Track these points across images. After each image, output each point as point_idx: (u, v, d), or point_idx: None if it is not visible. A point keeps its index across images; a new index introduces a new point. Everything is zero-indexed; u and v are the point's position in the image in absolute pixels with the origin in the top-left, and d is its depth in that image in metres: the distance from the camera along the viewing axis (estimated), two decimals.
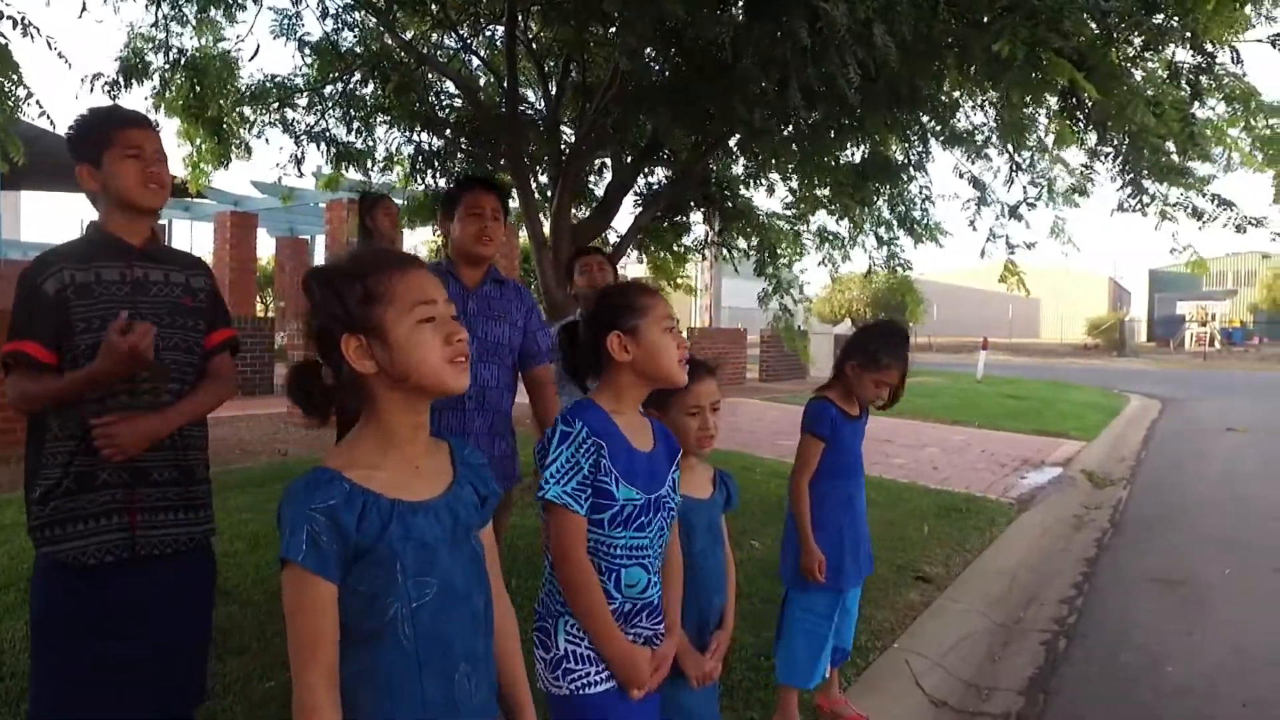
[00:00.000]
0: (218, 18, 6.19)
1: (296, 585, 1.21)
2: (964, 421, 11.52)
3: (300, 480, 1.26)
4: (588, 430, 1.67)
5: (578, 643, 1.70)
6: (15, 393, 1.93)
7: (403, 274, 1.31)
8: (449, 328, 1.31)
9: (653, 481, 1.75)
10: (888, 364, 2.73)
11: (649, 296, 1.80)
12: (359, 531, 1.23)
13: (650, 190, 7.25)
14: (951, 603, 4.28)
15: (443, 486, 1.37)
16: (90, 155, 2.02)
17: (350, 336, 1.27)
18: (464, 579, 1.34)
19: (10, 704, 2.75)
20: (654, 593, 1.75)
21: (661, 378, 1.77)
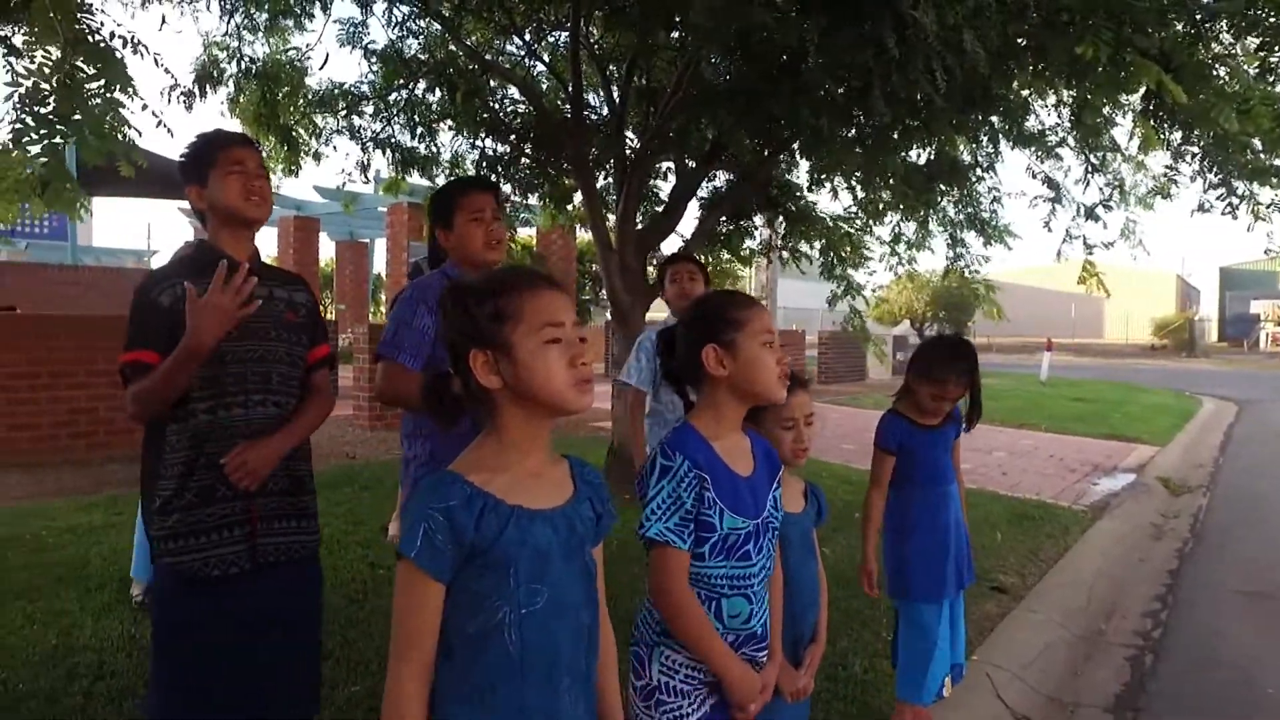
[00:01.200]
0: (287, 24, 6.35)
1: (407, 580, 1.25)
2: (1030, 425, 11.29)
3: (426, 481, 1.31)
4: (689, 464, 1.62)
5: (671, 675, 1.67)
6: (131, 398, 1.98)
7: (534, 294, 1.33)
8: (574, 350, 1.33)
9: (758, 505, 1.71)
10: (940, 378, 2.69)
11: (748, 308, 1.74)
12: (476, 532, 1.25)
13: (714, 194, 7.23)
14: (1029, 613, 4.19)
15: (563, 498, 1.38)
16: (198, 176, 2.12)
17: (478, 352, 1.30)
18: (575, 592, 1.35)
19: (113, 701, 2.84)
20: (757, 623, 1.70)
21: (760, 395, 1.72)
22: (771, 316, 1.82)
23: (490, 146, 7.10)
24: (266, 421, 2.07)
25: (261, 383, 2.08)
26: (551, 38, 7.28)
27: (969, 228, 7.55)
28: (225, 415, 2.02)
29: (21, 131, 2.47)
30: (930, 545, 2.75)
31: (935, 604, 2.75)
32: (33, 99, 2.49)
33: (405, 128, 7.05)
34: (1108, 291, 5.98)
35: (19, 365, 6.89)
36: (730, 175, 7.24)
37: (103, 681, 2.98)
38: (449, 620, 1.27)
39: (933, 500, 2.78)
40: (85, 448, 7.12)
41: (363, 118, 7.05)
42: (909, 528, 2.77)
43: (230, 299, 1.89)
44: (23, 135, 2.46)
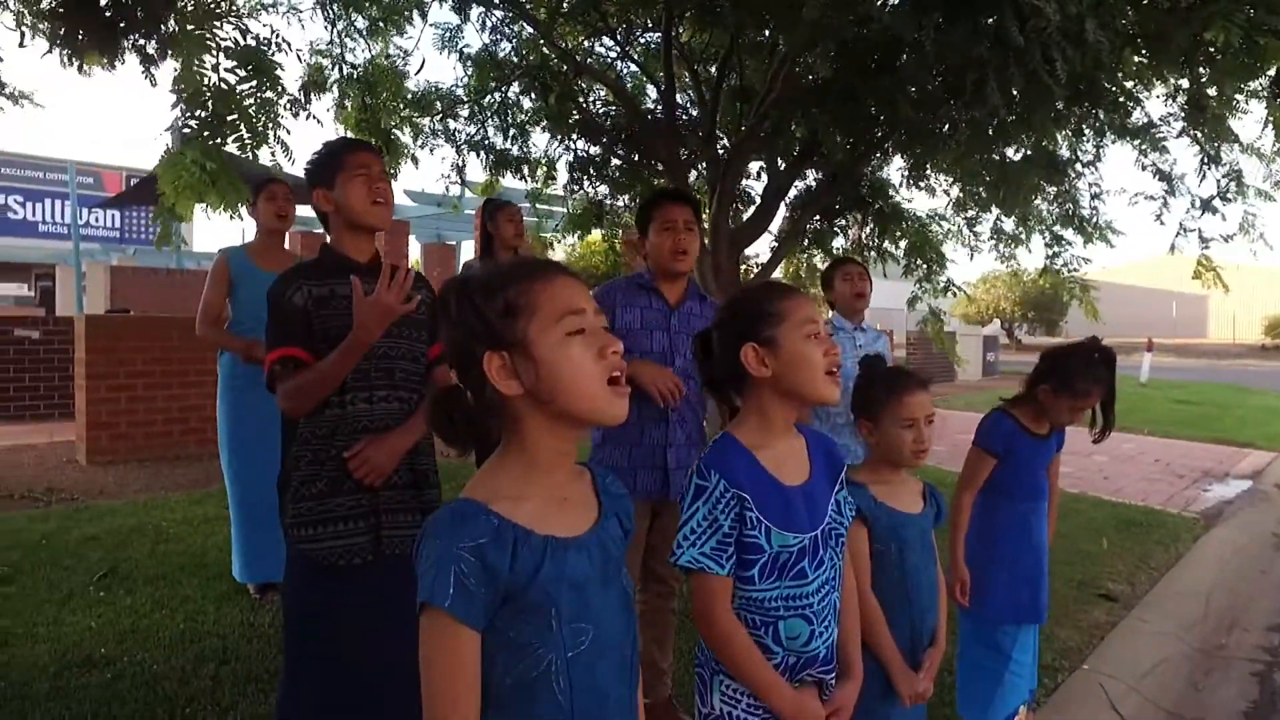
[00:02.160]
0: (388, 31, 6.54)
1: (439, 632, 1.09)
2: (1131, 428, 10.85)
3: (442, 514, 1.13)
4: (726, 483, 1.49)
5: (733, 704, 1.56)
6: (286, 393, 2.07)
7: (546, 282, 1.17)
8: (602, 340, 1.16)
9: (814, 516, 1.56)
10: (1084, 390, 2.49)
11: (788, 299, 1.58)
12: (511, 572, 1.09)
13: (806, 194, 7.16)
14: (1141, 623, 4.04)
15: (591, 519, 1.23)
16: (325, 180, 2.20)
17: (493, 354, 1.14)
18: (616, 623, 1.20)
19: (238, 684, 2.98)
20: (820, 644, 1.55)
21: (806, 394, 1.57)
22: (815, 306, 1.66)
23: (582, 148, 7.17)
24: (390, 416, 2.14)
25: (385, 378, 2.15)
26: (643, 39, 7.32)
27: (1067, 225, 7.31)
28: (352, 410, 2.10)
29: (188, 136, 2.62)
30: (1019, 564, 2.57)
31: (1014, 626, 2.58)
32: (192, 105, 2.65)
33: (499, 130, 7.18)
34: (1226, 286, 5.70)
35: (136, 365, 7.24)
36: (821, 174, 7.17)
37: (228, 665, 3.12)
38: (487, 672, 1.11)
39: (1024, 515, 2.60)
40: (196, 443, 7.45)
41: (457, 121, 7.22)
42: (996, 540, 2.58)
43: (395, 296, 1.97)
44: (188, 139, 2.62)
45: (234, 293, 3.81)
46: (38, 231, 32.90)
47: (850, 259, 4.05)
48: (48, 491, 5.88)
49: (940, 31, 3.67)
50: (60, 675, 3.00)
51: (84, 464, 6.90)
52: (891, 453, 2.00)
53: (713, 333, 1.66)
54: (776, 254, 6.75)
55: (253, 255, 3.87)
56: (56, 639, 3.30)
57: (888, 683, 1.90)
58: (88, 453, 6.95)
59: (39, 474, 6.50)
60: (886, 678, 1.89)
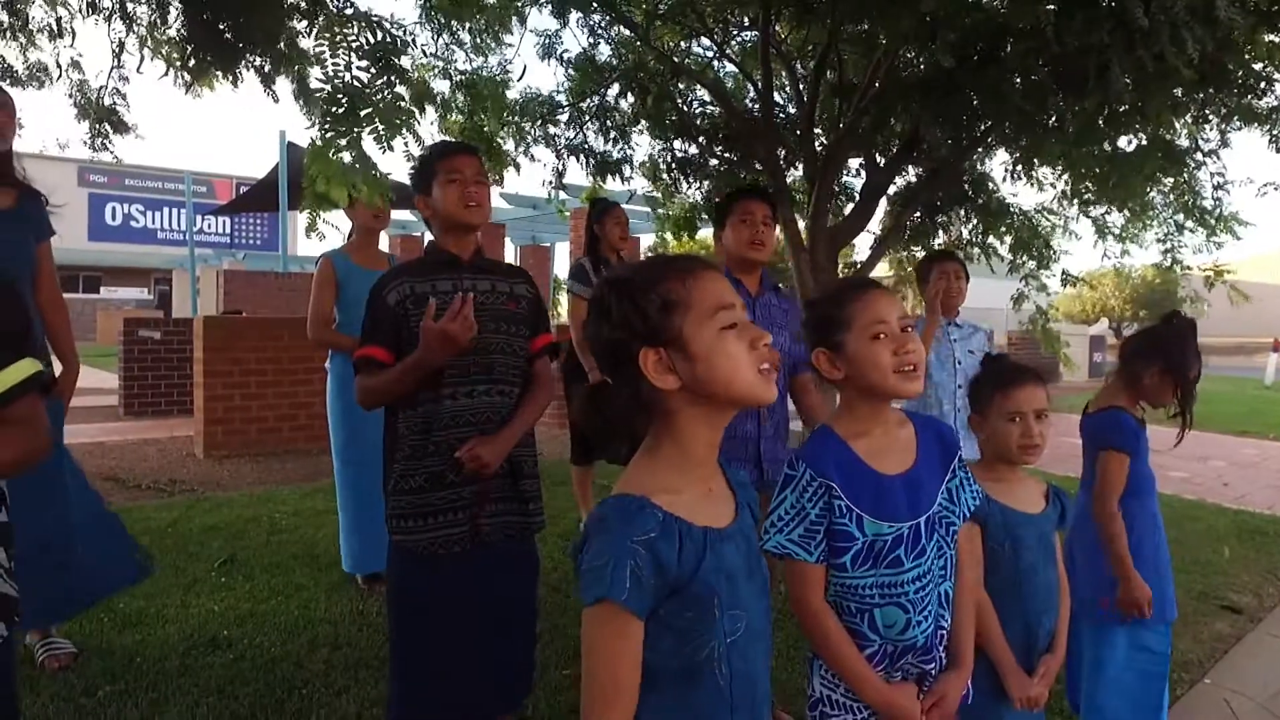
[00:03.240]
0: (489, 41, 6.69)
1: (610, 624, 1.11)
2: (1254, 433, 10.28)
3: (608, 510, 1.16)
4: (812, 472, 1.51)
5: (833, 689, 1.59)
6: (359, 389, 2.19)
7: (697, 279, 1.20)
8: (752, 333, 1.20)
9: (916, 504, 1.55)
10: (1190, 364, 2.44)
11: (853, 301, 1.58)
12: (679, 564, 1.13)
13: (907, 190, 7.02)
14: (1270, 638, 3.82)
15: (732, 509, 1.27)
16: (423, 187, 2.29)
17: (649, 350, 1.16)
18: (760, 611, 1.25)
19: (349, 669, 3.09)
20: (917, 632, 1.54)
21: (877, 392, 1.56)
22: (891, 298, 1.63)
23: (681, 148, 7.19)
24: (490, 409, 2.19)
25: (484, 372, 2.20)
26: (740, 38, 7.30)
27: (1189, 216, 6.96)
28: (451, 404, 2.15)
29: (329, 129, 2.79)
30: (1159, 561, 2.50)
31: (1167, 624, 2.49)
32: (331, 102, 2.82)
33: (599, 133, 7.26)
34: None
35: (249, 363, 7.59)
36: (922, 170, 7.02)
37: (339, 651, 3.24)
38: (651, 655, 1.14)
39: (1153, 511, 2.53)
40: (304, 439, 7.76)
41: (558, 125, 7.33)
42: (1137, 541, 2.47)
43: (461, 327, 2.01)
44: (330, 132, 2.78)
45: (340, 293, 3.95)
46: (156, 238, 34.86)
47: (947, 253, 3.96)
48: (171, 483, 6.21)
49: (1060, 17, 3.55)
50: (188, 654, 3.17)
51: (201, 457, 7.26)
52: (999, 447, 1.97)
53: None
54: (876, 252, 6.65)
55: (353, 255, 4.01)
56: (184, 620, 3.49)
57: (999, 683, 1.86)
58: (205, 447, 7.31)
59: (162, 466, 6.87)
60: (998, 678, 1.86)
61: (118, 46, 5.32)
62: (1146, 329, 2.65)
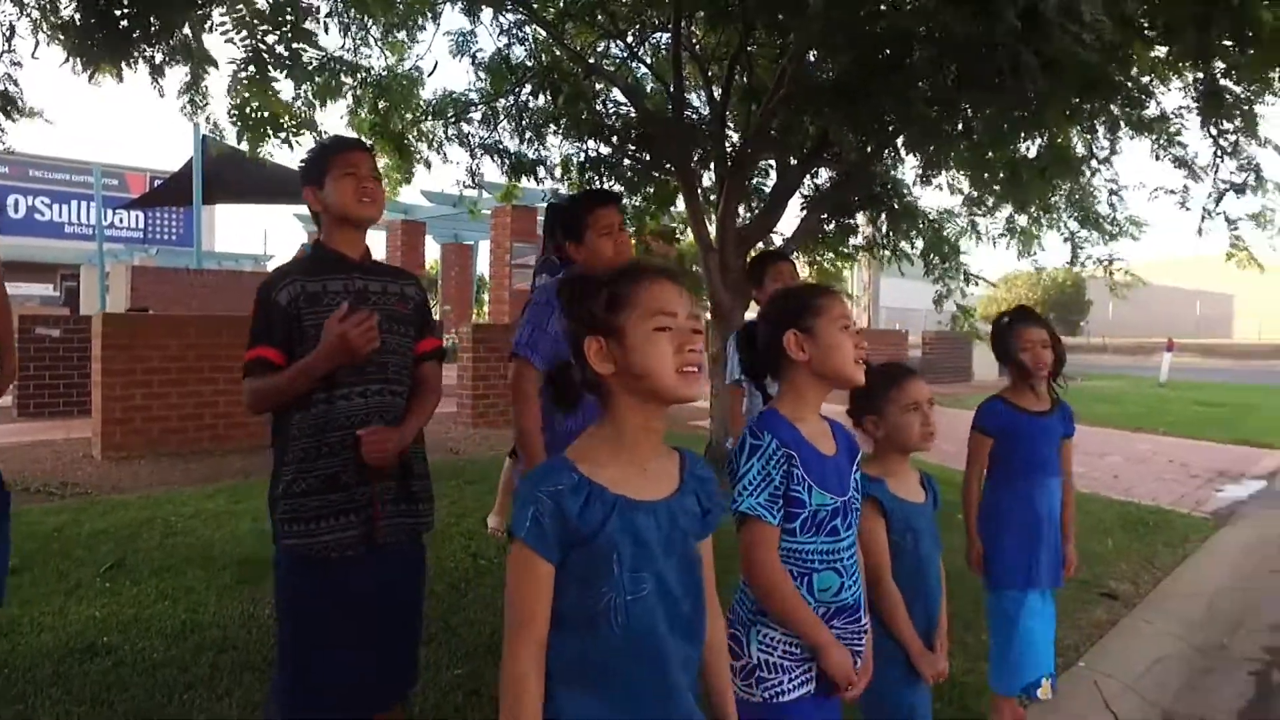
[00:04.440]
0: (401, 38, 6.61)
1: (518, 560, 1.29)
2: (1148, 429, 10.80)
3: (538, 466, 1.39)
4: (777, 442, 1.68)
5: (770, 651, 1.72)
6: (248, 391, 2.14)
7: (648, 284, 1.37)
8: (684, 338, 1.35)
9: (842, 484, 1.75)
10: (1022, 328, 2.72)
11: (826, 296, 1.82)
12: (580, 518, 1.28)
13: (816, 192, 7.16)
14: (1143, 623, 4.03)
15: (668, 491, 1.40)
16: (315, 179, 2.24)
17: (593, 339, 1.35)
18: (677, 582, 1.37)
19: (235, 672, 3.04)
20: (849, 595, 1.75)
21: (838, 376, 1.77)
22: (851, 309, 1.87)
23: (594, 149, 7.21)
24: (385, 409, 2.17)
25: (379, 372, 2.18)
26: (653, 39, 7.36)
27: (1085, 223, 7.27)
28: (344, 405, 2.12)
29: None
30: (1020, 534, 2.71)
31: (1019, 591, 2.71)
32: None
33: (513, 133, 7.24)
34: (1261, 266, 5.68)
35: (153, 361, 7.36)
36: (833, 172, 7.17)
37: (226, 655, 3.18)
38: (560, 599, 1.31)
39: (1027, 490, 2.73)
40: (210, 439, 7.56)
41: (471, 125, 7.28)
42: (1000, 515, 2.75)
43: (360, 336, 2.00)
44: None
45: None
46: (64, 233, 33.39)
47: (779, 253, 4.06)
48: (62, 485, 5.99)
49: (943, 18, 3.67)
50: (63, 662, 3.07)
51: (98, 459, 7.01)
52: (903, 439, 2.12)
53: (758, 323, 1.89)
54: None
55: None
56: (61, 628, 3.38)
57: (909, 666, 2.02)
58: (103, 448, 7.07)
59: (55, 469, 6.62)
60: (907, 662, 2.02)
61: (8, 30, 5.09)
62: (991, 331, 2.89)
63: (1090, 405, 13.12)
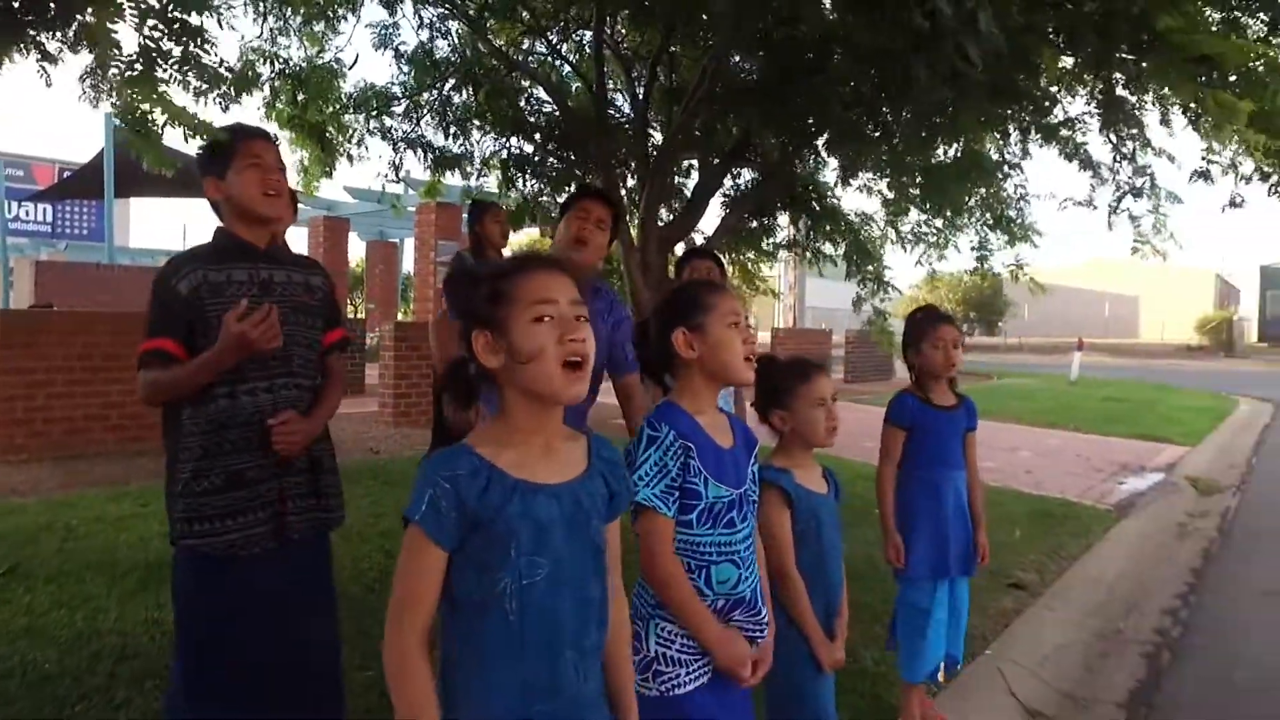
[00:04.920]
0: (321, 29, 6.46)
1: (411, 544, 1.28)
2: (1058, 425, 11.18)
3: (439, 450, 1.36)
4: (675, 433, 1.68)
5: (668, 645, 1.72)
6: (144, 383, 2.05)
7: (528, 274, 1.37)
8: (565, 327, 1.33)
9: (739, 477, 1.76)
10: (928, 329, 2.81)
11: (715, 293, 1.81)
12: (479, 502, 1.28)
13: (737, 191, 7.24)
14: (1047, 611, 4.17)
15: (572, 474, 1.39)
16: (216, 169, 2.16)
17: (479, 333, 1.34)
18: (578, 566, 1.36)
19: (135, 682, 2.92)
20: (746, 588, 1.75)
21: (726, 375, 1.78)
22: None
23: (518, 146, 7.17)
24: (290, 404, 2.12)
25: (284, 365, 2.13)
26: (576, 37, 7.35)
27: (996, 227, 7.50)
28: (248, 399, 2.06)
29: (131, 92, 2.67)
30: (927, 526, 2.80)
31: (928, 582, 2.81)
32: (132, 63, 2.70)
33: (436, 128, 7.16)
34: (1164, 255, 5.96)
35: (56, 360, 7.05)
36: (755, 173, 7.26)
37: (126, 663, 3.06)
38: (454, 585, 1.30)
39: (935, 482, 2.82)
40: (117, 440, 7.29)
41: (394, 119, 7.17)
42: (909, 508, 2.83)
43: (260, 333, 1.94)
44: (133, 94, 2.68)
45: None
46: None
47: (704, 252, 4.11)
48: None
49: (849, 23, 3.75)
50: None
51: None
52: (809, 433, 2.15)
53: (650, 320, 1.86)
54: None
55: None
56: None
57: (812, 655, 2.05)
58: (1, 451, 6.74)
59: None
60: (810, 650, 2.05)
61: None
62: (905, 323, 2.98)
63: (1005, 402, 13.58)
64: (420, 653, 1.27)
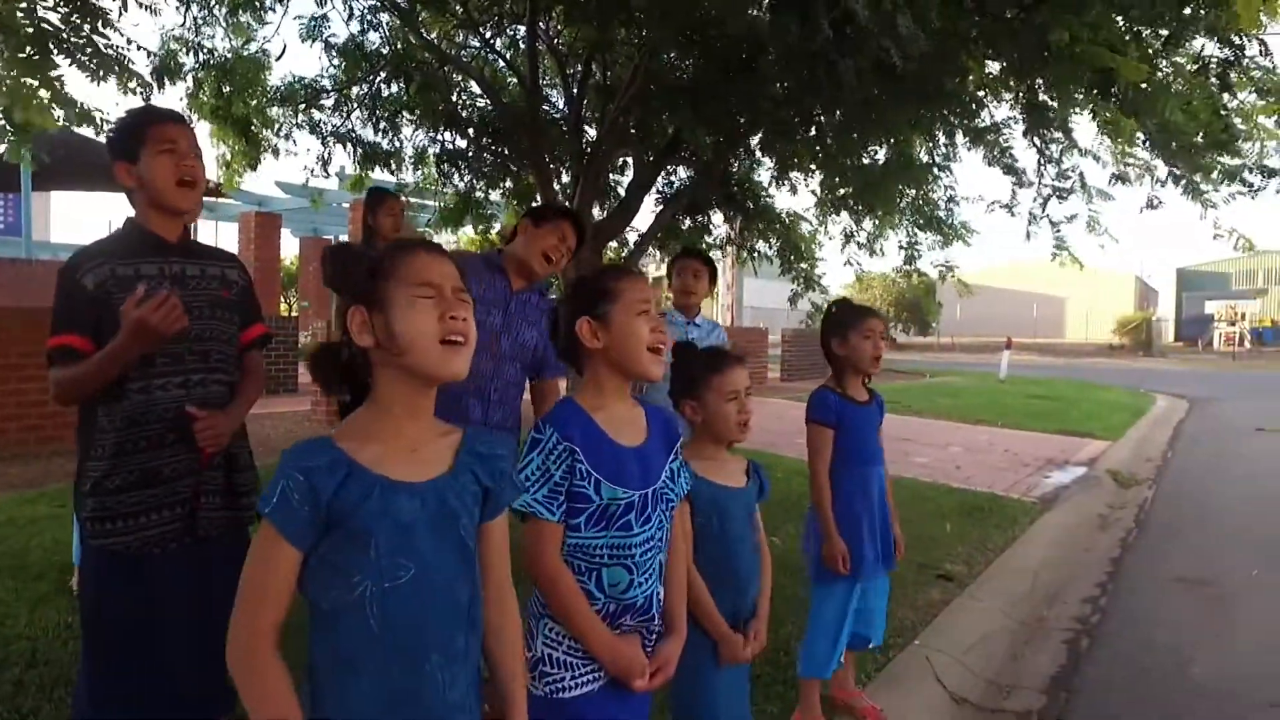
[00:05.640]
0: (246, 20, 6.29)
1: (263, 536, 1.22)
2: (987, 421, 11.45)
3: (297, 442, 1.27)
4: (558, 436, 1.61)
5: (554, 646, 1.66)
6: (53, 382, 1.98)
7: (412, 255, 1.32)
8: (446, 305, 1.30)
9: (646, 476, 1.69)
10: (857, 320, 2.78)
11: (624, 280, 1.73)
12: (335, 497, 1.21)
13: (671, 189, 7.27)
14: (973, 601, 4.26)
15: (439, 471, 1.33)
16: (127, 153, 2.07)
17: (355, 309, 1.29)
18: (445, 569, 1.30)
19: (44, 690, 2.81)
20: (638, 593, 1.67)
21: (631, 367, 1.70)
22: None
23: (450, 141, 7.09)
24: (208, 399, 2.07)
25: (200, 361, 2.08)
26: (510, 32, 7.29)
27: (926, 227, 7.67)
28: (163, 395, 2.01)
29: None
30: (862, 524, 2.78)
31: (852, 581, 2.80)
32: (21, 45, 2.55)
33: (367, 122, 7.03)
34: (1081, 264, 6.14)
35: None
36: (689, 171, 7.29)
37: (35, 670, 2.94)
38: (312, 589, 1.23)
39: (863, 478, 2.81)
40: (35, 441, 7.00)
41: (323, 112, 7.02)
42: (847, 509, 2.77)
43: (161, 319, 1.86)
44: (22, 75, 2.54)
45: None
46: None
47: (694, 252, 4.12)
48: None
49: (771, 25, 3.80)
50: None
51: None
52: (718, 427, 2.08)
53: (558, 308, 1.81)
54: (638, 249, 6.82)
55: None
56: None
57: (714, 648, 1.99)
58: None
59: None
60: (711, 644, 1.99)
61: None
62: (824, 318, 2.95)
63: (936, 399, 13.89)
64: (271, 651, 1.20)
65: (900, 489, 6.59)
